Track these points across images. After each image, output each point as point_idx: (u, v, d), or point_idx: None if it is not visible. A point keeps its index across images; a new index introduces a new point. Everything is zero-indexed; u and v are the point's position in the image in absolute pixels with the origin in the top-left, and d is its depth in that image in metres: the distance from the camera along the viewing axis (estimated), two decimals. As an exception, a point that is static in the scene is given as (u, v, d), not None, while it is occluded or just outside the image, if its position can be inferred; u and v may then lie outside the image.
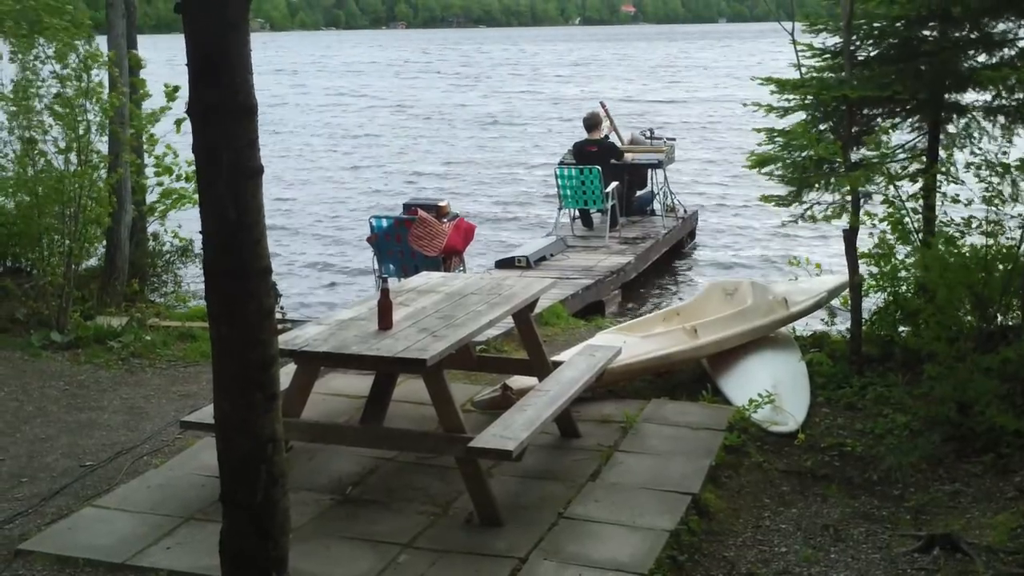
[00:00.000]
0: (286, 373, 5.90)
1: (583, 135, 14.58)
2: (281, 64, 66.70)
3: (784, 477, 6.13)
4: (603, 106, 15.67)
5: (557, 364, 6.50)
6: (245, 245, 3.09)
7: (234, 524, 3.25)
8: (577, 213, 14.45)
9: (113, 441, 6.66)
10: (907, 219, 7.46)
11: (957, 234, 7.20)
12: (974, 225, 7.14)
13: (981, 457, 6.20)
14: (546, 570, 4.84)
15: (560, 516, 5.38)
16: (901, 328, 7.69)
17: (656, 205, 15.29)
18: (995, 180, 7.00)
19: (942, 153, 7.89)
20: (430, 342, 5.37)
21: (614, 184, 13.79)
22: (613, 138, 15.06)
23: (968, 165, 7.27)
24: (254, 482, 3.18)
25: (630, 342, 7.45)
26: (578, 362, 6.40)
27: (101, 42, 9.72)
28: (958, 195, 7.34)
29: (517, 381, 6.78)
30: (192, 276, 11.33)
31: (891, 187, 7.44)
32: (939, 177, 7.50)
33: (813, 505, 5.81)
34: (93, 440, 6.69)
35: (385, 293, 5.61)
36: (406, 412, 6.60)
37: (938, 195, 7.56)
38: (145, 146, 10.62)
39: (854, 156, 7.74)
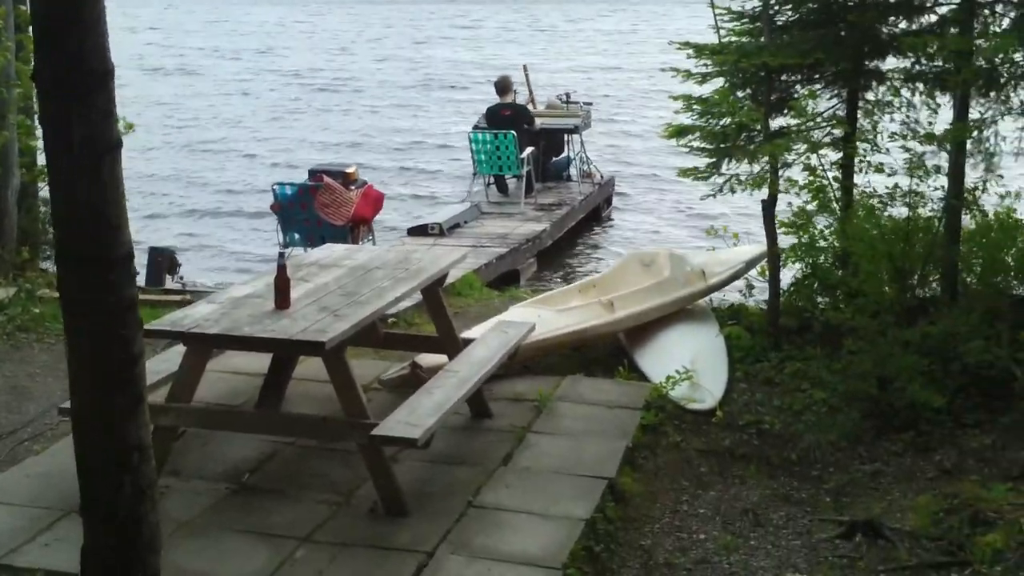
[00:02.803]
0: (177, 353, 5.53)
1: (495, 100, 14.21)
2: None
3: (702, 457, 5.93)
4: (524, 70, 15.30)
5: (468, 341, 6.19)
6: (102, 229, 2.71)
7: (95, 541, 2.88)
8: (492, 179, 14.11)
9: (-9, 424, 6.22)
10: (828, 188, 7.28)
11: (879, 205, 7.04)
12: (896, 196, 6.99)
13: (901, 435, 6.07)
14: (453, 565, 4.57)
15: (470, 505, 5.10)
16: (819, 299, 7.54)
17: (572, 171, 15.02)
18: (918, 148, 6.84)
19: (862, 121, 7.71)
20: (330, 322, 5.02)
21: (530, 149, 13.46)
22: (531, 104, 14.72)
23: (892, 135, 7.10)
24: (116, 495, 2.82)
25: (545, 316, 7.16)
26: (490, 340, 6.11)
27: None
28: (881, 164, 7.17)
29: (426, 359, 6.46)
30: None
31: (812, 155, 7.24)
32: (861, 146, 7.31)
33: (732, 487, 5.62)
34: (-31, 423, 6.24)
35: (282, 270, 5.22)
36: (309, 391, 6.22)
37: (860, 164, 7.37)
38: (35, 107, 10.04)
39: (774, 124, 7.53)
